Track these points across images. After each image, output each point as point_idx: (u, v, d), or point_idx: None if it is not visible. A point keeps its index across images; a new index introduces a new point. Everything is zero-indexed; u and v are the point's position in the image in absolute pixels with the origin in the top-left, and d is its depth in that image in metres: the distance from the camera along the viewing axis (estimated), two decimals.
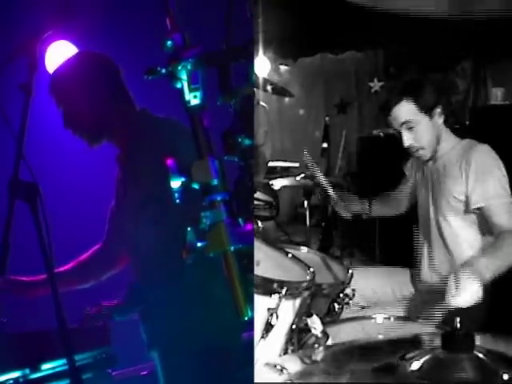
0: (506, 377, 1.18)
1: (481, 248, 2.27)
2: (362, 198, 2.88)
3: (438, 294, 2.44)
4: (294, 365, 1.41)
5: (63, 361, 1.87)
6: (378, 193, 2.92)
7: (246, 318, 1.33)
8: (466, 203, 2.29)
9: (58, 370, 2.02)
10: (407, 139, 2.37)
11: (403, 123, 2.35)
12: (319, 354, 1.47)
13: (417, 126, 2.34)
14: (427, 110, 2.34)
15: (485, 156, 2.30)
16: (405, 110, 2.34)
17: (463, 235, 2.36)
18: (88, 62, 2.41)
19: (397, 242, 3.24)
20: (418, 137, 2.36)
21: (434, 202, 2.43)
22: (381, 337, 1.70)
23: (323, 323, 1.77)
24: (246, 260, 1.35)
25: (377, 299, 2.59)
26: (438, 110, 2.36)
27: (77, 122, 2.37)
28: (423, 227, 2.53)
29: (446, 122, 2.41)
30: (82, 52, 2.57)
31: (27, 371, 1.96)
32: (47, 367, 2.01)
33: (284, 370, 1.39)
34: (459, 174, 2.31)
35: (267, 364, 1.43)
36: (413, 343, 1.42)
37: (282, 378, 1.37)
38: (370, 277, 2.65)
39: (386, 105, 2.40)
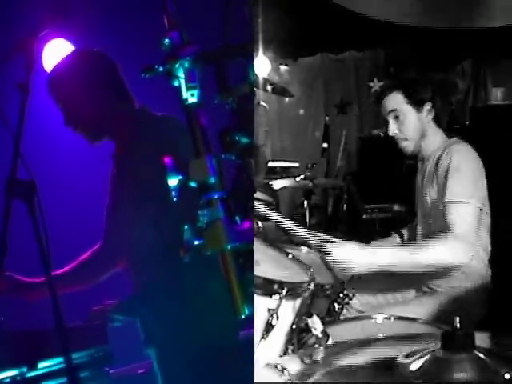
0: (507, 376, 1.17)
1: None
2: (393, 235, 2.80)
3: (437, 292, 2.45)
4: (294, 365, 1.40)
5: (60, 359, 1.86)
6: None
7: (244, 317, 1.32)
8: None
9: (55, 368, 2.01)
10: (392, 128, 2.47)
11: (390, 111, 2.47)
12: (319, 354, 1.46)
13: (403, 116, 2.44)
14: (416, 104, 2.43)
15: (459, 155, 2.31)
16: (394, 100, 2.45)
17: None
18: (86, 59, 2.42)
19: None
20: (403, 127, 2.45)
21: (432, 202, 2.42)
22: (381, 335, 1.69)
23: (323, 323, 1.76)
24: (243, 258, 1.35)
25: (376, 302, 2.59)
26: (428, 106, 2.43)
27: (77, 120, 2.38)
28: (424, 226, 2.52)
29: (436, 121, 2.46)
30: (79, 50, 2.56)
31: (24, 369, 1.96)
32: (44, 365, 2.00)
33: (284, 371, 1.38)
34: (438, 171, 2.34)
35: (268, 365, 1.43)
36: (413, 343, 1.41)
37: (282, 379, 1.36)
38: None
39: (380, 95, 2.52)
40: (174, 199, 1.37)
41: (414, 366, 1.24)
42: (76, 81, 2.34)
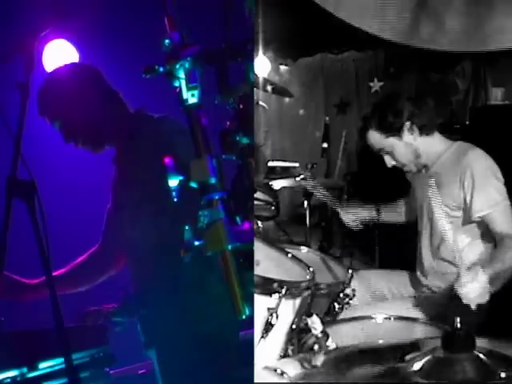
0: (503, 375, 1.18)
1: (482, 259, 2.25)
2: (369, 204, 2.82)
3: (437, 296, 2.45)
4: (293, 369, 1.40)
5: (61, 359, 1.85)
6: (385, 199, 2.86)
7: (244, 317, 1.32)
8: (466, 211, 2.28)
9: (55, 368, 2.01)
10: (388, 162, 2.47)
11: (378, 150, 2.46)
12: (319, 359, 1.45)
13: (391, 149, 2.42)
14: (394, 133, 2.38)
15: (481, 162, 2.30)
16: (374, 139, 2.44)
17: (463, 241, 2.32)
18: (72, 74, 2.41)
19: (397, 243, 3.24)
20: (396, 158, 2.44)
21: (431, 211, 2.40)
22: (381, 341, 1.68)
23: (323, 323, 1.76)
24: (244, 258, 1.35)
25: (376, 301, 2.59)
26: (407, 126, 2.37)
27: (75, 135, 2.37)
28: (424, 231, 2.52)
29: (425, 131, 2.39)
30: (65, 66, 2.54)
31: (25, 370, 1.96)
32: (45, 366, 2.00)
33: (284, 375, 1.38)
34: (455, 180, 2.30)
35: (266, 368, 1.43)
36: (413, 344, 1.42)
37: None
38: (369, 279, 2.64)
39: (361, 132, 2.51)
40: (175, 200, 1.37)
41: (415, 366, 1.25)
42: (67, 97, 2.32)
